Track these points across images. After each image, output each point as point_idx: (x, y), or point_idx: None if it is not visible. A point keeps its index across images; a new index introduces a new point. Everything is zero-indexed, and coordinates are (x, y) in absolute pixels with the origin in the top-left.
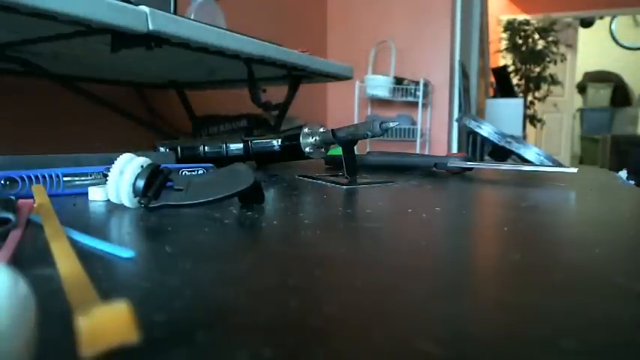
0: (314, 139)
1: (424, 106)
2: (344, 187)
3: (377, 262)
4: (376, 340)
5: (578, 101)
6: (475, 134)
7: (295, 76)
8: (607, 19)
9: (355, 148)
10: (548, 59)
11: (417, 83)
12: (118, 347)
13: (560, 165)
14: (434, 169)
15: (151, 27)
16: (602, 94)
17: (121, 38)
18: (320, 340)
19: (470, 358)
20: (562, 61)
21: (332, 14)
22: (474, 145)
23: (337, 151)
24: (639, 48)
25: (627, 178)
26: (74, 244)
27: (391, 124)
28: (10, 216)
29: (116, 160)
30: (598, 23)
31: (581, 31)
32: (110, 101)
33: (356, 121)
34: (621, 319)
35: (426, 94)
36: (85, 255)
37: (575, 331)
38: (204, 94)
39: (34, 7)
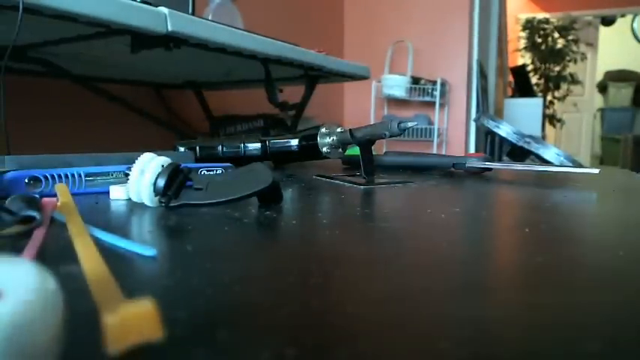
0: (331, 139)
1: (441, 105)
2: (362, 187)
3: (397, 262)
4: (399, 339)
5: (598, 101)
6: (493, 134)
7: (312, 76)
8: (629, 17)
9: (373, 148)
10: (568, 58)
11: (434, 83)
12: (142, 344)
13: (580, 166)
14: (452, 169)
15: (170, 28)
16: (623, 94)
17: (141, 39)
18: (342, 340)
19: (491, 359)
20: (582, 60)
21: (348, 14)
22: (492, 145)
23: (355, 151)
24: None
25: None
26: (97, 242)
27: (409, 124)
28: (35, 214)
29: (137, 159)
30: (619, 21)
31: (602, 29)
32: (129, 101)
33: (372, 121)
34: None
35: (443, 94)
36: (107, 253)
37: (600, 333)
38: (222, 94)
39: (56, 9)
